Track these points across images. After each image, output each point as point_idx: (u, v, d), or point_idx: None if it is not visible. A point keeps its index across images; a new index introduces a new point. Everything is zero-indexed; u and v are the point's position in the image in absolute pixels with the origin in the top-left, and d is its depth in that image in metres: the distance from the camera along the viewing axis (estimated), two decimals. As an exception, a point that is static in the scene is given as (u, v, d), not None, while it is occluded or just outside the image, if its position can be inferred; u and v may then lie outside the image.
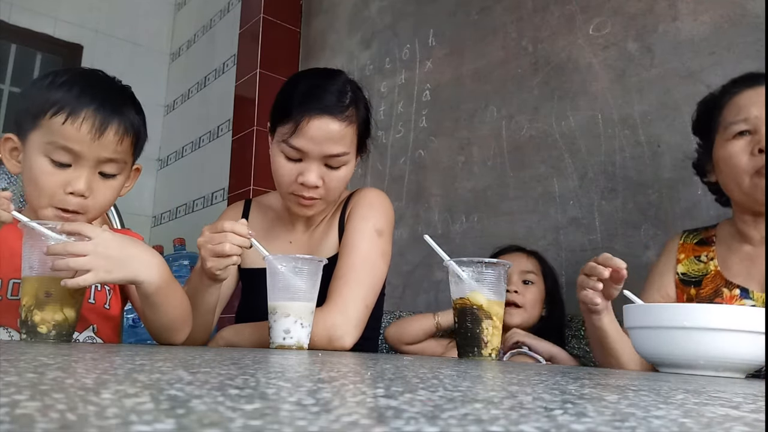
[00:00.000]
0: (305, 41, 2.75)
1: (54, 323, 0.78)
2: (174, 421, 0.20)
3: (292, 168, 1.10)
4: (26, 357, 0.44)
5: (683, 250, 1.18)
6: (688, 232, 1.20)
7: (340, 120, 1.08)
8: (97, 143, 0.90)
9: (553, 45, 1.71)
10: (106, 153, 0.92)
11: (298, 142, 1.07)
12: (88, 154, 0.90)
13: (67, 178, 0.90)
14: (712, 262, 1.12)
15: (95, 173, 0.93)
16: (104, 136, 0.90)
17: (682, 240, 1.19)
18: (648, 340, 0.81)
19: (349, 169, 1.14)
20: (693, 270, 1.14)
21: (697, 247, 1.16)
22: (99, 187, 0.94)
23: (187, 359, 0.49)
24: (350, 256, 1.11)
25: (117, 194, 0.99)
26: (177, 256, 2.60)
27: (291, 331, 0.91)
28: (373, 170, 2.23)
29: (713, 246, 1.14)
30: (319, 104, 1.07)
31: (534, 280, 1.47)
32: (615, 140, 1.53)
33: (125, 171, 0.99)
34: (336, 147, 1.08)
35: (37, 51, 3.20)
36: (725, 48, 1.37)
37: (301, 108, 1.07)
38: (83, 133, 0.88)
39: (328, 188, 1.12)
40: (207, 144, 3.03)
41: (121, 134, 0.92)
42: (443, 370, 0.52)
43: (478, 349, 0.92)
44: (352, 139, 1.12)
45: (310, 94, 1.08)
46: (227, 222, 0.94)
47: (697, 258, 1.15)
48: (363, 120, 1.15)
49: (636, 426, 0.24)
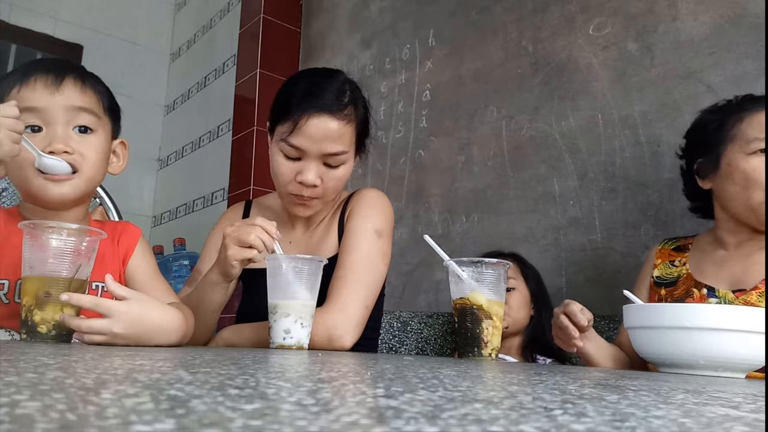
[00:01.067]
0: (305, 41, 2.75)
1: (54, 323, 0.78)
2: (174, 421, 0.20)
3: (290, 167, 1.10)
4: (26, 357, 0.44)
5: (660, 255, 1.23)
6: (667, 239, 1.26)
7: (339, 118, 1.08)
8: (58, 95, 0.88)
9: (553, 45, 1.71)
10: (72, 101, 0.89)
11: (297, 141, 1.07)
12: (54, 107, 0.88)
13: (43, 140, 0.88)
14: (684, 266, 1.18)
15: (69, 129, 0.90)
16: (63, 85, 0.89)
17: (661, 246, 1.25)
18: (648, 340, 0.81)
19: (348, 168, 1.14)
20: (666, 273, 1.20)
21: (673, 253, 1.22)
22: (78, 143, 0.90)
23: (187, 359, 0.49)
24: (350, 256, 1.11)
25: (102, 156, 0.94)
26: (177, 256, 2.60)
27: (291, 331, 0.91)
28: (373, 170, 2.23)
29: (687, 252, 1.20)
30: (317, 102, 1.07)
31: (515, 285, 1.48)
32: (615, 140, 1.53)
33: (102, 129, 0.94)
34: (334, 145, 1.08)
35: (37, 51, 3.20)
36: (725, 48, 1.37)
37: (299, 106, 1.07)
38: (39, 90, 0.88)
39: (326, 188, 1.12)
40: (207, 144, 3.03)
41: (81, 83, 0.91)
42: (443, 370, 0.52)
43: (478, 349, 0.92)
44: (350, 138, 1.12)
45: (309, 92, 1.08)
46: (259, 218, 0.96)
47: (671, 263, 1.21)
48: (362, 119, 1.15)
49: (636, 426, 0.24)
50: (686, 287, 1.14)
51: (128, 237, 1.02)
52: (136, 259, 1.01)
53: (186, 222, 3.05)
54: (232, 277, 1.00)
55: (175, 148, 3.31)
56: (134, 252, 1.01)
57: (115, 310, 0.73)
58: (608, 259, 1.50)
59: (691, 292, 1.13)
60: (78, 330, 0.73)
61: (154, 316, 0.78)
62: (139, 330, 0.75)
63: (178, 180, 3.23)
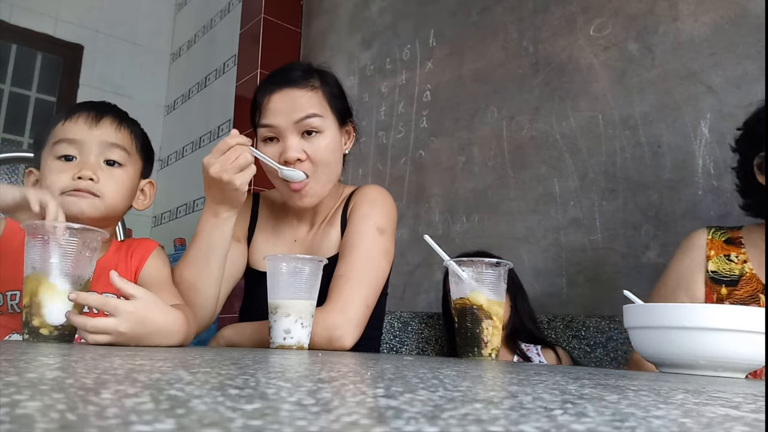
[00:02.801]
0: (306, 42, 2.75)
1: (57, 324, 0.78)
2: (174, 421, 0.20)
3: (274, 152, 1.10)
4: (26, 357, 0.44)
5: (712, 246, 1.09)
6: (714, 228, 1.12)
7: (302, 87, 1.11)
8: (95, 129, 0.99)
9: (554, 45, 1.71)
10: (106, 137, 0.99)
11: (267, 119, 1.10)
12: (89, 141, 0.98)
13: (75, 167, 0.97)
14: (746, 264, 1.05)
15: (100, 161, 0.99)
16: (101, 123, 1.00)
17: (710, 236, 1.10)
18: (648, 340, 0.81)
19: (331, 137, 1.12)
20: (724, 269, 1.07)
21: (725, 246, 1.09)
22: (105, 174, 0.99)
23: (187, 359, 0.49)
24: (351, 254, 1.10)
25: (127, 190, 1.02)
26: (177, 256, 2.59)
27: (291, 331, 0.91)
28: (374, 170, 2.23)
29: (743, 248, 1.07)
30: (277, 80, 1.12)
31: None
32: (615, 141, 1.53)
33: (131, 166, 1.03)
34: (303, 111, 1.09)
35: (37, 51, 3.20)
36: (726, 48, 1.37)
37: (263, 90, 1.12)
38: (80, 124, 0.99)
39: (314, 160, 1.10)
40: (207, 144, 3.03)
41: (117, 122, 1.02)
42: (443, 370, 0.52)
43: (478, 349, 0.92)
44: (320, 103, 1.12)
45: (269, 78, 1.14)
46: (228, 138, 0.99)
47: (726, 257, 1.07)
48: (332, 89, 1.15)
49: (636, 426, 0.24)
50: (751, 290, 1.03)
51: (142, 250, 1.06)
52: (149, 267, 1.05)
53: (186, 222, 3.05)
54: (240, 203, 1.02)
55: (175, 149, 3.31)
56: (147, 261, 1.05)
57: (122, 309, 0.74)
58: (609, 260, 1.50)
59: (757, 296, 1.01)
60: (83, 328, 0.73)
61: (158, 318, 0.78)
62: (144, 330, 0.76)
63: (179, 180, 3.23)
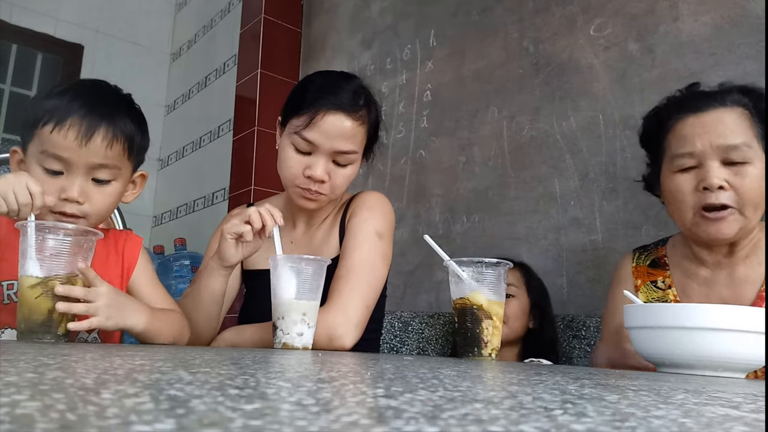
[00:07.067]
0: (306, 41, 2.75)
1: (53, 322, 0.78)
2: (174, 421, 0.20)
3: (300, 160, 1.11)
4: (26, 357, 0.44)
5: (638, 274, 1.14)
6: (638, 252, 1.18)
7: (354, 118, 1.11)
8: (85, 149, 0.90)
9: (554, 45, 1.71)
10: (96, 159, 0.92)
11: (311, 135, 1.09)
12: (78, 161, 0.91)
13: (61, 185, 0.91)
14: (670, 290, 1.09)
15: (88, 180, 0.93)
16: (91, 141, 0.90)
17: (635, 262, 1.16)
18: (648, 340, 0.81)
19: (355, 168, 1.16)
20: (652, 298, 1.11)
21: (651, 270, 1.13)
22: (94, 193, 0.94)
23: (187, 359, 0.49)
24: (351, 257, 1.12)
25: (116, 200, 0.99)
26: (178, 256, 2.60)
27: (296, 331, 0.91)
28: (375, 170, 2.23)
29: (668, 270, 1.12)
30: (335, 100, 1.10)
31: (515, 293, 1.46)
32: (616, 141, 1.53)
33: (122, 177, 0.98)
34: (346, 144, 1.10)
35: (37, 51, 3.20)
36: (726, 49, 1.37)
37: (317, 102, 1.10)
38: (69, 141, 0.89)
39: (333, 185, 1.13)
40: (208, 144, 3.03)
41: (109, 140, 0.92)
42: (443, 370, 0.52)
43: (478, 349, 0.92)
44: (362, 140, 1.15)
45: (327, 89, 1.12)
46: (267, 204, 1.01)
47: (653, 284, 1.12)
48: (373, 124, 1.18)
49: (636, 426, 0.24)
50: None
51: (131, 248, 1.05)
52: (138, 271, 1.04)
53: (187, 222, 3.05)
54: (229, 261, 1.02)
55: (175, 148, 3.31)
56: (137, 264, 1.05)
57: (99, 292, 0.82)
58: (609, 260, 1.49)
59: None
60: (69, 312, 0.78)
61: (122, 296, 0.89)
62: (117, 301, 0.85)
63: (179, 180, 3.23)
